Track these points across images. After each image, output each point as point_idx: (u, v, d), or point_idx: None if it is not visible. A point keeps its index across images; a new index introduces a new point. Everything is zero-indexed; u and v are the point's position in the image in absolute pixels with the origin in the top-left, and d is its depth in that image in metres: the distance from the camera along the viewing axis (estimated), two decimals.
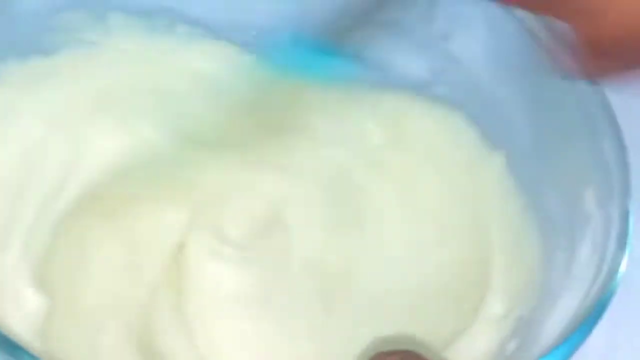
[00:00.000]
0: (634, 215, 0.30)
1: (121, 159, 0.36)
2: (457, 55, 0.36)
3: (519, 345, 0.30)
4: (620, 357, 0.38)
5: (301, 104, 0.38)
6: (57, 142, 0.36)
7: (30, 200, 0.35)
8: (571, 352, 0.27)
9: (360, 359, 0.31)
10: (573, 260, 0.31)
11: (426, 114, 0.38)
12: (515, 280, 0.34)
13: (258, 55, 0.39)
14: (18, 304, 0.32)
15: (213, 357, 0.32)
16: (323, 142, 0.38)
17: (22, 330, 0.31)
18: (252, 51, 0.39)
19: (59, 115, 0.37)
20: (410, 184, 0.38)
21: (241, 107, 0.38)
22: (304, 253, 0.35)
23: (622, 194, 0.31)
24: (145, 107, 0.38)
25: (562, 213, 0.33)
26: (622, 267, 0.29)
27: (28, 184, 0.35)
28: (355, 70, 0.38)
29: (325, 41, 0.36)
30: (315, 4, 0.37)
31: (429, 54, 0.37)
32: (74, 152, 0.36)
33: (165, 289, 0.33)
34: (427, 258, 0.36)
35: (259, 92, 0.38)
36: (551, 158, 0.35)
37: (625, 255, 0.29)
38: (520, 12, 0.34)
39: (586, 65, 0.29)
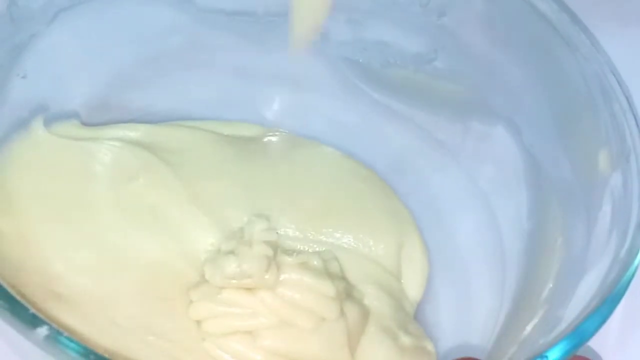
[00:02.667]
0: None
1: None
2: (455, 30, 0.35)
3: (542, 323, 0.30)
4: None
5: None
6: None
7: None
8: (595, 329, 0.26)
9: None
10: (592, 234, 0.30)
11: None
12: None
13: None
14: None
15: None
16: None
17: None
18: None
19: None
20: None
21: None
22: None
23: (637, 155, 0.30)
24: None
25: (578, 180, 0.32)
26: None
27: None
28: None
29: None
30: None
31: (427, 32, 0.36)
32: None
33: None
34: None
35: None
36: (559, 123, 0.34)
37: None
38: None
39: None
